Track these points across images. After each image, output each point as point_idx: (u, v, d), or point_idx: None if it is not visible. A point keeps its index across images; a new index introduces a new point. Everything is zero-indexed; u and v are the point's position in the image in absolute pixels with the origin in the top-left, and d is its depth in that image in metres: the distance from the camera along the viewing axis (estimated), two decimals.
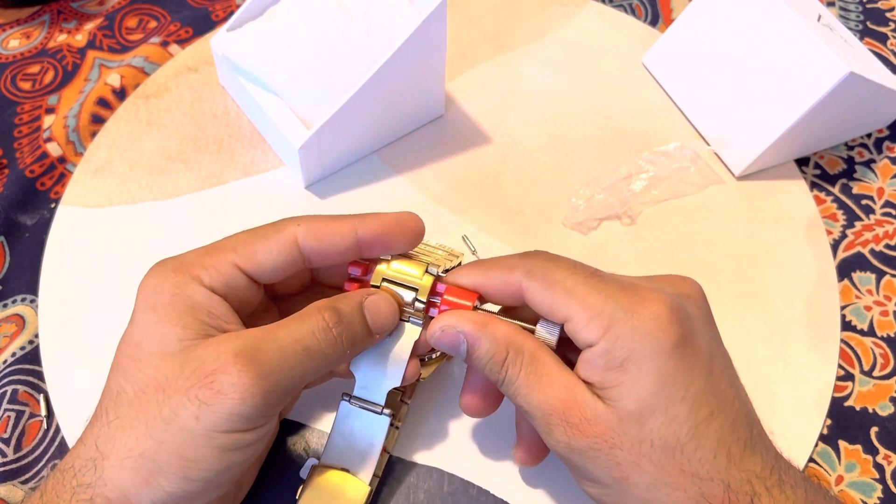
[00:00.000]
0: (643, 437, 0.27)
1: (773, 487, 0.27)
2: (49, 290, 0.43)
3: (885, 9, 0.58)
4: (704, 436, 0.27)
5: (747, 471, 0.27)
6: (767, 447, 0.28)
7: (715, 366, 0.29)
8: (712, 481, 0.27)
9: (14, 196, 0.46)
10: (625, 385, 0.28)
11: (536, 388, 0.29)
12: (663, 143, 0.48)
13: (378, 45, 0.44)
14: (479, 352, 0.30)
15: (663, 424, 0.27)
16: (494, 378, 0.30)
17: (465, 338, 0.30)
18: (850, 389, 0.41)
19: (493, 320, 0.30)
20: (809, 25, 0.44)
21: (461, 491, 0.37)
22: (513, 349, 0.30)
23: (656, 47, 0.52)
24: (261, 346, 0.27)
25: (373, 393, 0.33)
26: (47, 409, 0.39)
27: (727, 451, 0.27)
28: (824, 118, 0.45)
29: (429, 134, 0.49)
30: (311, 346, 0.28)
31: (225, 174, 0.47)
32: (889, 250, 0.46)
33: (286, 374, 0.28)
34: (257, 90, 0.45)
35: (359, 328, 0.30)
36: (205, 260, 0.30)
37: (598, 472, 0.28)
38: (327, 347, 0.29)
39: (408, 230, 0.31)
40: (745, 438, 0.28)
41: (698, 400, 0.27)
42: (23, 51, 0.54)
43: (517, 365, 0.30)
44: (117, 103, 0.51)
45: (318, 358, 0.29)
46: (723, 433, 0.27)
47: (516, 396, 0.30)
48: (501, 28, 0.55)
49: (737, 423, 0.28)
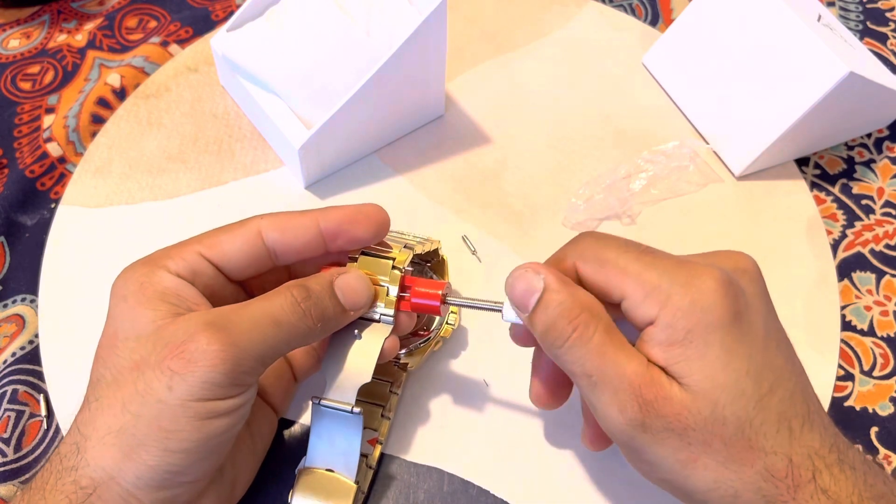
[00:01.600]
0: (716, 415, 0.27)
1: (833, 465, 0.27)
2: (49, 290, 0.43)
3: (885, 9, 0.58)
4: (767, 409, 0.27)
5: (807, 446, 0.27)
6: (826, 425, 0.28)
7: (770, 340, 0.28)
8: (776, 455, 0.27)
9: (14, 196, 0.46)
10: (692, 360, 0.27)
11: (611, 358, 0.28)
12: (663, 143, 0.48)
13: (378, 45, 0.44)
14: (552, 304, 0.28)
15: (734, 399, 0.27)
16: (560, 337, 0.28)
17: (546, 284, 0.29)
18: (850, 389, 0.41)
19: (570, 281, 0.29)
20: (809, 25, 0.44)
21: (461, 491, 0.37)
22: (588, 312, 0.28)
23: (656, 47, 0.52)
24: (230, 318, 0.28)
25: (343, 393, 0.32)
26: (47, 409, 0.39)
27: (788, 426, 0.27)
28: (824, 118, 0.45)
29: (429, 134, 0.49)
30: (280, 318, 0.29)
31: (225, 174, 0.47)
32: (889, 250, 0.46)
33: (256, 343, 0.28)
34: (257, 90, 0.45)
35: (329, 304, 0.30)
36: (170, 252, 0.31)
37: (667, 454, 0.27)
38: (297, 320, 0.29)
39: (370, 220, 0.32)
40: (803, 414, 0.28)
41: (759, 374, 0.27)
42: (23, 51, 0.54)
43: (591, 329, 0.28)
44: (117, 103, 0.51)
45: (288, 330, 0.29)
46: (783, 407, 0.27)
47: (585, 361, 0.28)
48: (501, 28, 0.55)
49: (794, 398, 0.28)
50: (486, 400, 0.39)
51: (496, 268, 0.44)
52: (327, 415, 0.33)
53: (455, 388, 0.39)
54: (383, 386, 0.37)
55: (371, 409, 0.37)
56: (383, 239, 0.34)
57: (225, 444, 0.29)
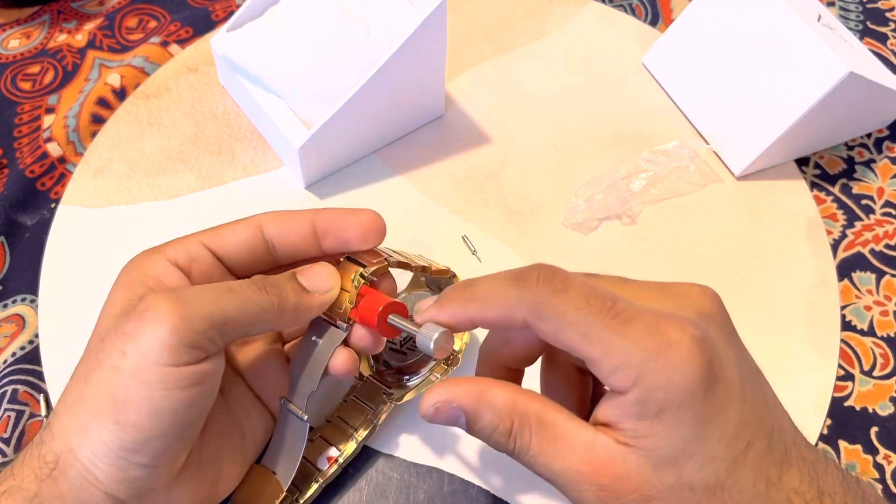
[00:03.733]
0: (682, 483, 0.26)
1: (814, 501, 0.27)
2: (49, 290, 0.43)
3: (885, 9, 0.58)
4: (742, 468, 0.26)
5: (787, 489, 0.27)
6: (803, 457, 0.28)
7: (746, 391, 0.27)
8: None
9: (14, 196, 0.46)
10: (660, 435, 0.26)
11: (553, 455, 0.27)
12: (663, 143, 0.48)
13: (378, 45, 0.44)
14: (480, 424, 0.28)
15: (702, 466, 0.26)
16: (504, 450, 0.28)
17: (463, 412, 0.28)
18: (850, 389, 0.41)
19: (489, 386, 0.28)
20: (809, 25, 0.44)
21: (461, 491, 0.37)
22: (517, 417, 0.27)
23: (656, 47, 0.52)
24: (190, 291, 0.28)
25: (297, 397, 0.33)
26: (47, 409, 0.39)
27: (766, 477, 0.27)
28: (824, 118, 0.45)
29: (429, 134, 0.49)
30: (234, 287, 0.29)
31: (225, 174, 0.47)
32: (889, 250, 0.46)
33: (208, 304, 0.28)
34: (257, 90, 0.45)
35: (288, 285, 0.31)
36: (176, 240, 0.32)
37: None
38: (252, 292, 0.29)
39: (361, 223, 0.32)
40: (780, 457, 0.27)
41: (735, 435, 0.26)
42: (23, 51, 0.54)
43: (526, 434, 0.27)
44: (117, 103, 0.51)
45: (242, 300, 0.29)
46: (759, 460, 0.27)
47: (534, 466, 0.28)
48: (501, 28, 0.55)
49: (772, 443, 0.27)
50: None
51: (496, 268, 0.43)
52: (287, 417, 0.34)
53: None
54: (363, 410, 0.36)
55: (342, 428, 0.36)
56: (376, 248, 0.33)
57: (185, 424, 0.28)
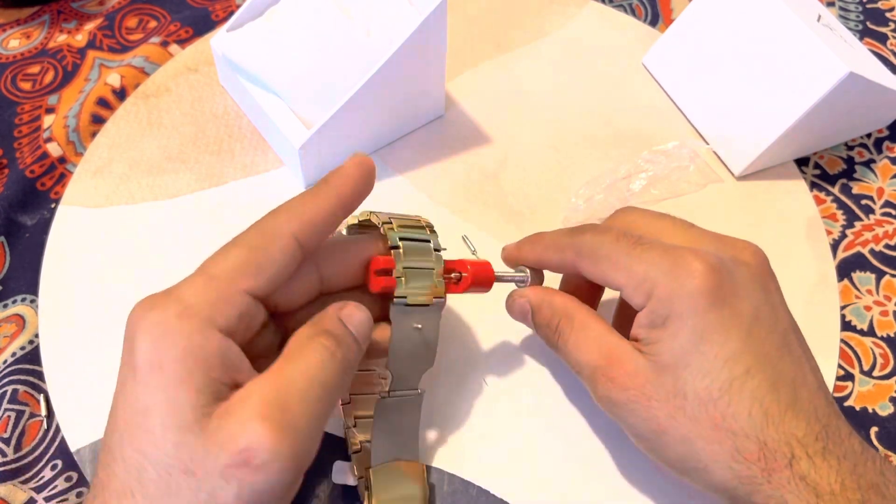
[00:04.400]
0: (677, 390, 0.29)
1: (816, 455, 0.27)
2: (49, 290, 0.43)
3: (885, 9, 0.58)
4: (738, 392, 0.28)
5: (787, 433, 0.27)
6: (818, 415, 0.28)
7: (758, 327, 0.29)
8: (747, 437, 0.28)
9: (14, 196, 0.46)
10: (664, 340, 0.30)
11: (583, 347, 0.32)
12: (663, 143, 0.48)
13: (378, 45, 0.44)
14: (538, 317, 0.35)
15: (696, 378, 0.28)
16: (551, 342, 0.34)
17: (531, 305, 0.35)
18: (850, 389, 0.41)
19: (551, 292, 0.35)
20: (809, 25, 0.44)
21: (461, 491, 0.37)
22: (565, 316, 0.33)
23: (656, 47, 0.52)
24: (284, 400, 0.25)
25: (409, 381, 0.33)
26: (47, 409, 0.39)
27: (764, 410, 0.28)
28: (824, 118, 0.45)
29: (429, 134, 0.49)
30: (327, 380, 0.27)
31: (225, 174, 0.47)
32: (889, 250, 0.46)
33: (314, 423, 0.26)
34: (257, 90, 0.45)
35: (352, 343, 0.29)
36: (210, 295, 0.26)
37: (639, 424, 0.30)
38: (338, 375, 0.28)
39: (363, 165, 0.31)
40: (786, 401, 0.28)
41: (733, 357, 0.28)
42: (23, 51, 0.54)
43: (566, 330, 0.33)
44: (117, 103, 0.51)
45: (334, 390, 0.28)
46: (759, 392, 0.28)
47: (568, 356, 0.33)
48: (501, 28, 0.55)
49: (778, 384, 0.28)
50: (486, 400, 0.39)
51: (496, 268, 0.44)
52: (389, 406, 0.33)
53: (455, 388, 0.39)
54: (370, 375, 0.37)
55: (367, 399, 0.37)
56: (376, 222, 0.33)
57: None
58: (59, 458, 0.38)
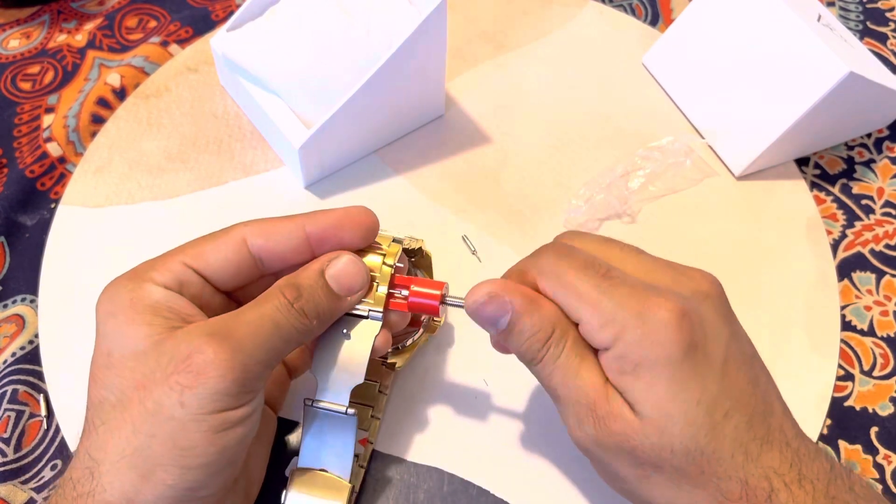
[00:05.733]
0: (664, 444, 0.28)
1: (793, 483, 0.27)
2: (49, 290, 0.43)
3: (885, 9, 0.58)
4: (721, 437, 0.28)
5: (765, 467, 0.27)
6: (788, 442, 0.28)
7: (730, 367, 0.29)
8: (730, 479, 0.27)
9: (14, 196, 0.46)
10: (639, 391, 0.28)
11: (574, 372, 0.29)
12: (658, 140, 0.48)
13: (378, 45, 0.44)
14: (522, 325, 0.30)
15: (682, 430, 0.27)
16: (532, 355, 0.30)
17: (514, 308, 0.30)
18: (850, 389, 0.41)
19: (540, 298, 0.30)
20: (809, 25, 0.44)
21: (461, 491, 0.37)
22: (560, 327, 0.29)
23: (656, 47, 0.52)
24: (231, 326, 0.28)
25: (336, 394, 0.32)
26: (47, 409, 0.39)
27: (744, 450, 0.28)
28: (824, 118, 0.45)
29: (429, 134, 0.49)
30: (279, 320, 0.29)
31: (225, 174, 0.47)
32: (889, 250, 0.46)
33: (260, 348, 0.28)
34: (257, 90, 0.45)
35: (322, 297, 0.30)
36: (155, 264, 0.30)
37: (621, 468, 0.29)
38: (295, 321, 0.29)
39: (358, 224, 0.32)
40: (762, 436, 0.28)
41: (713, 403, 0.28)
42: (23, 51, 0.54)
43: (560, 345, 0.29)
44: (117, 103, 0.51)
45: (287, 332, 0.29)
46: (738, 433, 0.28)
47: (553, 377, 0.30)
48: (501, 28, 0.55)
49: (753, 420, 0.28)
50: (486, 400, 0.39)
51: (496, 268, 0.44)
52: (320, 416, 0.33)
53: (455, 388, 0.39)
54: (372, 387, 0.37)
55: (361, 410, 0.36)
56: None
57: (240, 454, 0.29)
58: (59, 458, 0.38)
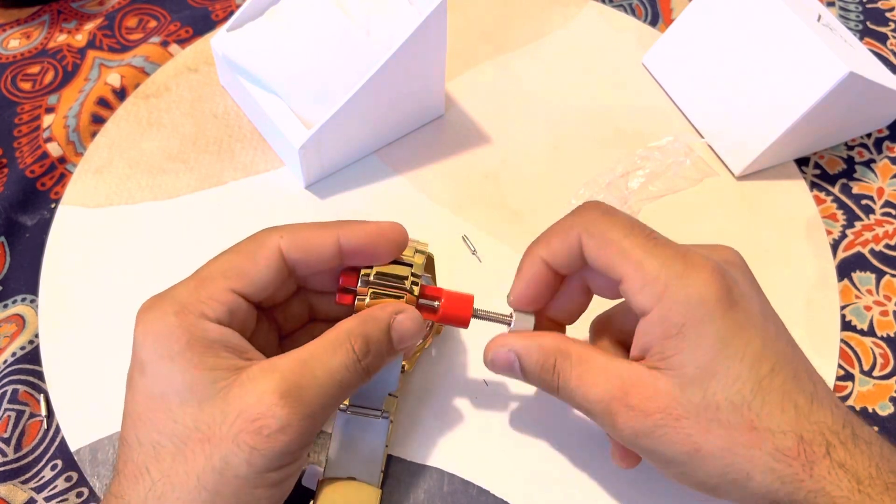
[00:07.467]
0: (708, 402, 0.28)
1: (847, 441, 0.27)
2: (49, 290, 0.43)
3: (885, 9, 0.58)
4: (769, 390, 0.27)
5: (818, 423, 0.27)
6: (836, 403, 0.28)
7: (769, 325, 0.29)
8: (784, 434, 0.27)
9: (14, 196, 0.46)
10: (685, 352, 0.28)
11: (591, 382, 0.30)
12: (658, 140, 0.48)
13: (378, 45, 0.44)
14: (528, 363, 0.31)
15: (726, 385, 0.27)
16: (551, 387, 0.31)
17: (516, 353, 0.32)
18: (850, 389, 0.41)
19: (536, 333, 0.32)
20: (809, 25, 0.44)
21: (461, 491, 0.37)
22: (559, 354, 0.31)
23: (656, 47, 0.52)
24: (301, 384, 0.27)
25: (371, 399, 0.33)
26: (47, 409, 0.39)
27: (794, 404, 0.27)
28: (824, 118, 0.45)
29: (429, 134, 0.49)
30: (345, 380, 0.29)
31: (225, 174, 0.47)
32: (889, 250, 0.46)
33: (326, 409, 0.28)
34: (257, 90, 0.45)
35: (385, 352, 0.30)
36: (201, 294, 0.28)
37: (671, 450, 0.28)
38: (358, 380, 0.29)
39: (390, 241, 0.31)
40: (810, 392, 0.28)
41: (757, 358, 0.28)
42: (23, 51, 0.54)
43: (567, 367, 0.31)
44: (117, 103, 0.51)
45: (349, 389, 0.29)
46: (787, 387, 0.28)
47: (574, 398, 0.31)
48: (501, 28, 0.55)
49: (799, 377, 0.28)
50: (487, 400, 0.39)
51: (496, 268, 0.44)
52: (352, 422, 0.33)
53: (455, 388, 0.39)
54: None
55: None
56: None
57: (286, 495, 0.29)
58: (59, 458, 0.38)
